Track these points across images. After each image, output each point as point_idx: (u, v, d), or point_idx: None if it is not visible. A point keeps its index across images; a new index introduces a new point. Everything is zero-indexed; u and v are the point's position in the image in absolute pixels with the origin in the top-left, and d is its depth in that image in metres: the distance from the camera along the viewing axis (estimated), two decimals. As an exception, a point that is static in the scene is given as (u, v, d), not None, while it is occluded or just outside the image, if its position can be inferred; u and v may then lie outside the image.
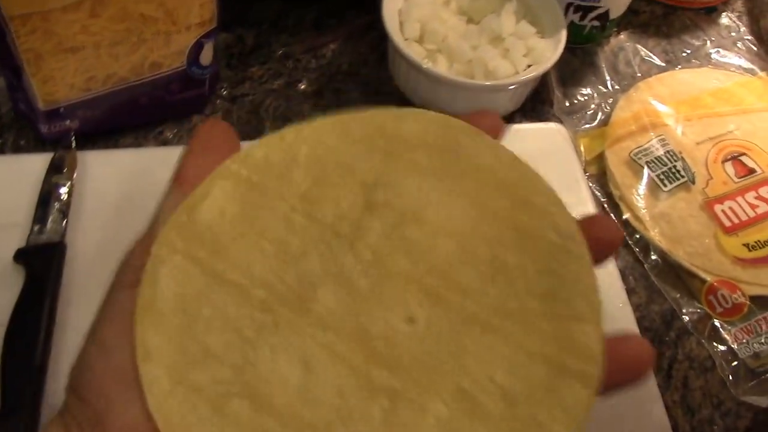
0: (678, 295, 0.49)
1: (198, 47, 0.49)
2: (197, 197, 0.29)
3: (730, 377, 0.46)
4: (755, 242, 0.51)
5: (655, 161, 0.53)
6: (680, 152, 0.54)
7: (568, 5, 0.57)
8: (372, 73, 0.57)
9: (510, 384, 0.28)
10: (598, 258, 0.29)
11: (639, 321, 0.47)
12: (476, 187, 0.31)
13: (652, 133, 0.55)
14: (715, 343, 0.47)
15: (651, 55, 0.62)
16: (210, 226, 0.29)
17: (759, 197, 0.53)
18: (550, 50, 0.52)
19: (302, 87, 0.56)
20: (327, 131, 0.31)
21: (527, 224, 0.30)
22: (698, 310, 0.48)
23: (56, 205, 0.46)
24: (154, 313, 0.28)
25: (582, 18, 0.58)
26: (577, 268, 0.29)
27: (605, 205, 0.52)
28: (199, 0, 0.47)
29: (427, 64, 0.50)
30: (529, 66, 0.52)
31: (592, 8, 0.57)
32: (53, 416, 0.28)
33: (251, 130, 0.53)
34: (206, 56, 0.50)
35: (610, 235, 0.30)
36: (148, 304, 0.28)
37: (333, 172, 0.31)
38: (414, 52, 0.51)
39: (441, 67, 0.51)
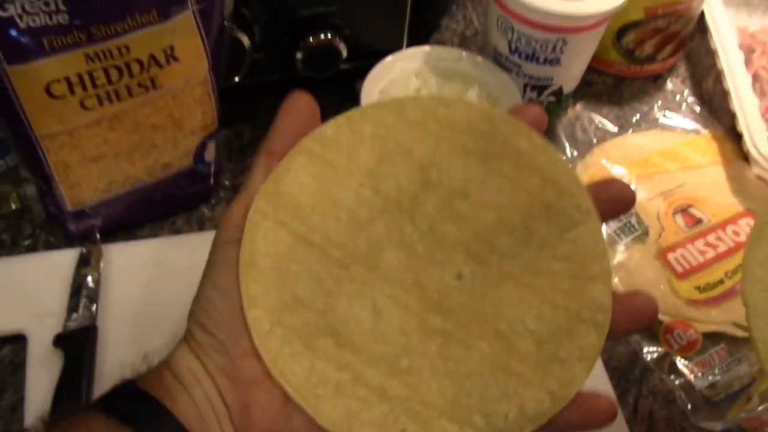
0: (639, 337, 0.55)
1: (202, 147, 0.56)
2: (281, 170, 0.36)
3: (689, 407, 0.52)
4: (705, 284, 0.57)
5: (612, 218, 0.60)
6: (634, 208, 0.60)
7: (525, 85, 0.64)
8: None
9: (538, 328, 0.34)
10: (615, 213, 0.36)
11: (606, 362, 0.53)
12: (512, 168, 0.36)
13: (608, 193, 0.61)
14: (674, 378, 0.53)
15: (605, 121, 0.69)
16: (293, 195, 0.35)
17: (707, 244, 0.59)
18: (510, 128, 0.59)
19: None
20: (386, 113, 0.36)
21: (554, 200, 0.36)
22: (658, 349, 0.54)
23: (87, 293, 0.52)
24: (254, 268, 0.34)
25: (539, 95, 0.65)
26: (592, 238, 0.35)
27: (570, 260, 0.59)
28: (201, 108, 0.54)
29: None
30: (492, 143, 0.59)
31: (547, 86, 0.64)
32: (178, 342, 0.35)
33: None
34: (210, 153, 0.57)
35: (623, 194, 0.35)
36: (248, 260, 0.34)
37: (394, 151, 0.36)
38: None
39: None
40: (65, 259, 0.54)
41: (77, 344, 0.50)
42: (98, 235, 0.56)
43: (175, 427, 0.32)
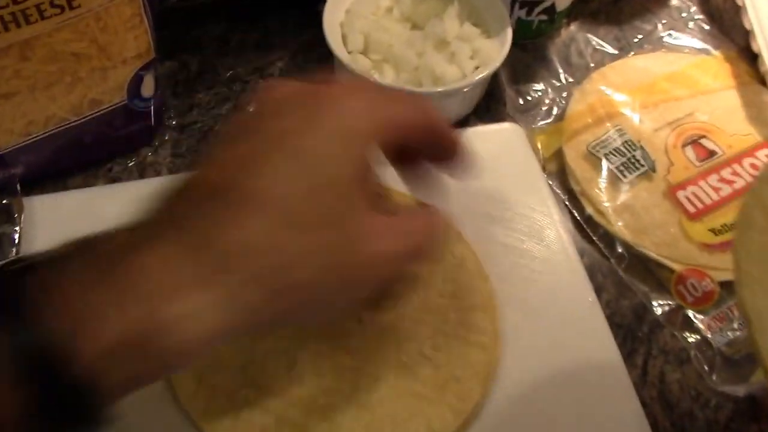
0: (647, 288, 0.48)
1: (137, 80, 0.48)
2: None
3: (706, 368, 0.45)
4: (721, 226, 0.50)
5: (614, 152, 0.52)
6: (639, 141, 0.53)
7: (513, 2, 0.56)
8: (321, 89, 0.56)
9: (434, 355, 0.40)
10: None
11: (610, 318, 0.46)
12: None
13: (608, 124, 0.54)
14: (688, 334, 0.47)
15: (603, 43, 0.61)
16: None
17: (722, 179, 0.52)
18: (496, 50, 0.51)
19: (251, 109, 0.55)
20: None
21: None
22: (669, 302, 0.48)
23: (4, 252, 0.45)
24: None
25: (528, 13, 0.57)
26: (469, 273, 0.44)
27: (566, 202, 0.52)
28: (133, 32, 0.46)
29: (373, 75, 0.49)
30: (476, 68, 0.51)
31: (538, 2, 0.56)
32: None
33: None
34: (147, 88, 0.50)
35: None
36: None
37: None
38: (359, 64, 0.50)
39: (388, 77, 0.51)
40: (-20, 215, 0.47)
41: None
42: (19, 186, 0.48)
43: None
